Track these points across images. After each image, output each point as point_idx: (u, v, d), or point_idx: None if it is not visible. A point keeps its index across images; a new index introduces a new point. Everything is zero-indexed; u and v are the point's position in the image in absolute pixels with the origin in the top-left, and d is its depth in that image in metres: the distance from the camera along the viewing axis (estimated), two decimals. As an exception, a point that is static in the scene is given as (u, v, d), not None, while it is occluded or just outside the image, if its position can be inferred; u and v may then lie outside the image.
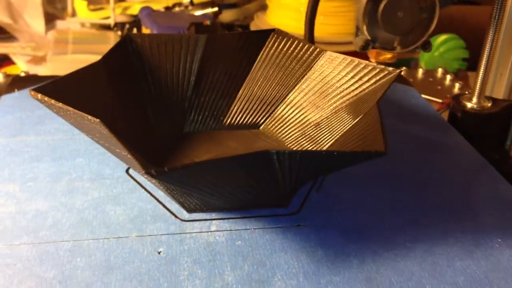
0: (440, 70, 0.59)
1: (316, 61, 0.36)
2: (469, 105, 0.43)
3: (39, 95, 0.27)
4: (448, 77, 0.57)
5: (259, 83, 0.38)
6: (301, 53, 0.37)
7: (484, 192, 0.33)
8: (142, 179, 0.32)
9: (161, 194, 0.31)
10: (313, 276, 0.25)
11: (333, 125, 0.34)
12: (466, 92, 0.46)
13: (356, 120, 0.32)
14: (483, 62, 0.41)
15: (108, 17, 0.83)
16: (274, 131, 0.37)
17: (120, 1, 0.90)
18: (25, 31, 0.83)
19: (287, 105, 0.37)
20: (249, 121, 0.38)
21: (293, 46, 0.38)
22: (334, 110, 0.35)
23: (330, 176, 0.33)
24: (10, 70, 0.76)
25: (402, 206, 0.31)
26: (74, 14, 0.88)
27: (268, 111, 0.38)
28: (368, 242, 0.28)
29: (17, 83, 0.44)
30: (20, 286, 0.24)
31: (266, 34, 0.38)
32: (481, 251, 0.27)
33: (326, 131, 0.34)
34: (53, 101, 0.27)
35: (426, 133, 0.40)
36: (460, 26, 0.94)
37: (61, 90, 0.29)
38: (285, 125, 0.37)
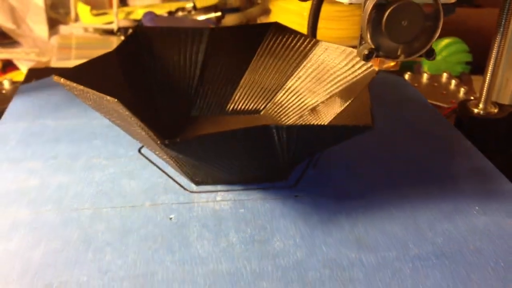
0: (444, 75, 0.59)
1: (312, 51, 0.40)
2: (475, 110, 0.43)
3: (62, 80, 0.31)
4: (453, 82, 0.57)
5: (259, 71, 0.42)
6: (298, 43, 0.40)
7: (464, 165, 0.36)
8: (154, 157, 0.35)
9: (171, 171, 0.34)
10: (309, 238, 0.28)
11: (328, 108, 0.37)
12: (472, 98, 0.46)
13: (348, 103, 0.35)
14: (490, 68, 0.42)
15: (111, 22, 0.84)
16: (274, 115, 0.41)
17: (123, 6, 0.92)
18: (29, 36, 0.84)
19: (285, 92, 0.41)
20: (250, 107, 0.41)
21: (291, 37, 0.41)
22: (329, 95, 0.38)
23: (326, 155, 0.36)
24: (14, 75, 0.76)
25: (389, 180, 0.34)
26: (77, 19, 0.89)
27: (268, 97, 0.41)
28: (358, 210, 0.31)
29: (34, 74, 0.47)
30: (48, 246, 0.27)
31: (266, 26, 0.41)
32: (459, 217, 0.30)
33: (322, 113, 0.37)
34: (75, 84, 0.30)
35: (414, 118, 0.43)
36: (463, 29, 0.95)
37: (79, 76, 0.32)
38: (284, 110, 0.40)
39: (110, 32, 0.84)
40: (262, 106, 0.41)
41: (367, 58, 0.28)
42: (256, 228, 0.29)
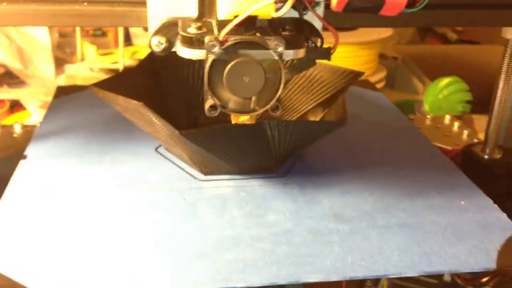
0: (447, 117, 0.59)
1: (301, 67, 0.47)
2: (480, 154, 0.44)
3: (96, 89, 0.38)
4: (456, 123, 0.57)
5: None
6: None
7: (427, 159, 0.43)
8: (168, 155, 0.42)
9: (183, 165, 0.41)
10: (295, 213, 0.35)
11: (314, 114, 0.45)
12: (475, 140, 0.49)
13: (328, 108, 0.42)
14: (494, 114, 0.43)
15: (116, 62, 0.85)
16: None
17: (128, 46, 0.93)
18: (36, 76, 0.86)
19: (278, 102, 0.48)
20: (249, 115, 0.49)
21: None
22: (314, 104, 0.45)
23: (311, 151, 0.43)
24: (21, 116, 0.77)
25: (363, 172, 0.41)
26: (83, 58, 0.90)
27: (264, 106, 0.48)
28: (337, 194, 0.37)
29: (62, 90, 0.55)
30: (102, 215, 0.34)
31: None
32: (420, 198, 0.37)
33: (309, 119, 0.44)
34: (107, 92, 0.37)
35: (385, 123, 0.50)
36: (461, 65, 0.95)
37: (108, 87, 0.39)
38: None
39: (115, 72, 0.84)
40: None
41: (210, 112, 0.28)
42: (254, 206, 0.36)
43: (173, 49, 0.32)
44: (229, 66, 0.27)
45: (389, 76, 0.84)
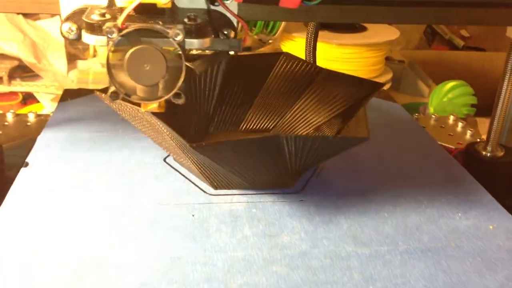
0: (451, 117, 0.61)
1: (317, 76, 0.45)
2: (483, 153, 0.45)
3: (103, 95, 0.36)
4: (460, 124, 0.59)
5: (270, 94, 0.47)
6: (305, 70, 0.46)
7: (449, 179, 0.40)
8: (177, 165, 0.40)
9: (192, 177, 0.39)
10: (312, 233, 0.33)
11: (330, 127, 0.42)
12: (478, 140, 0.49)
13: (346, 122, 0.40)
14: (497, 113, 0.44)
15: None
16: (282, 133, 0.46)
17: None
18: (49, 70, 0.87)
19: (293, 112, 0.46)
20: (262, 126, 0.47)
21: (298, 65, 0.46)
22: (331, 116, 0.43)
23: (327, 166, 0.41)
24: (34, 108, 0.79)
25: (382, 189, 0.38)
26: (95, 54, 0.92)
27: (277, 117, 0.46)
28: (355, 213, 0.35)
29: (69, 94, 0.53)
30: (95, 232, 0.32)
31: (277, 55, 0.47)
32: (444, 221, 0.35)
33: (325, 132, 0.42)
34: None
35: (405, 138, 0.48)
36: (468, 71, 0.98)
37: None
38: (291, 129, 0.45)
39: None
40: (272, 125, 0.47)
41: (112, 98, 0.28)
42: (267, 224, 0.34)
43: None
44: (129, 53, 0.27)
45: (395, 79, 0.84)
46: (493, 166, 0.44)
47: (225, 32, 0.33)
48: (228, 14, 0.33)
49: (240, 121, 0.47)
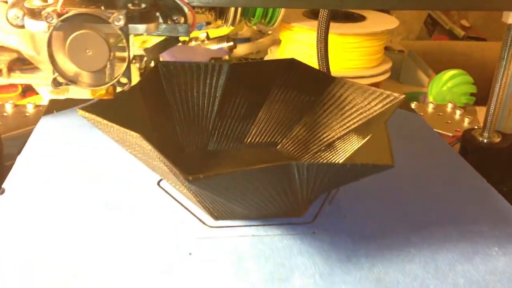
0: (449, 105, 0.61)
1: (328, 86, 0.40)
2: (479, 139, 0.45)
3: (86, 114, 0.31)
4: (458, 112, 0.59)
5: (276, 106, 0.42)
6: (314, 79, 0.41)
7: (482, 206, 0.36)
8: (172, 190, 0.36)
9: (189, 204, 0.34)
10: (328, 276, 0.28)
11: (345, 144, 0.38)
12: (476, 127, 0.48)
13: (365, 139, 0.35)
14: (493, 99, 0.44)
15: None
16: (290, 150, 0.41)
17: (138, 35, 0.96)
18: (48, 62, 0.88)
19: (302, 126, 0.41)
20: (267, 141, 0.42)
21: (307, 73, 0.42)
22: (345, 131, 0.38)
23: (341, 190, 0.36)
24: (33, 99, 0.79)
25: (406, 217, 0.34)
26: None
27: (284, 132, 0.42)
28: (376, 248, 0.31)
29: (54, 105, 0.48)
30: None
31: (283, 62, 0.42)
32: (479, 258, 0.30)
33: (339, 149, 0.38)
34: (99, 119, 0.31)
35: (428, 154, 0.43)
36: (468, 61, 0.98)
37: (102, 110, 0.32)
38: (300, 145, 0.41)
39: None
40: (279, 140, 0.42)
41: (55, 86, 0.29)
42: (275, 264, 0.29)
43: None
44: (70, 38, 0.27)
45: (394, 69, 0.83)
46: (490, 151, 0.44)
47: (175, 18, 0.33)
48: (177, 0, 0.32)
49: (243, 136, 0.42)
